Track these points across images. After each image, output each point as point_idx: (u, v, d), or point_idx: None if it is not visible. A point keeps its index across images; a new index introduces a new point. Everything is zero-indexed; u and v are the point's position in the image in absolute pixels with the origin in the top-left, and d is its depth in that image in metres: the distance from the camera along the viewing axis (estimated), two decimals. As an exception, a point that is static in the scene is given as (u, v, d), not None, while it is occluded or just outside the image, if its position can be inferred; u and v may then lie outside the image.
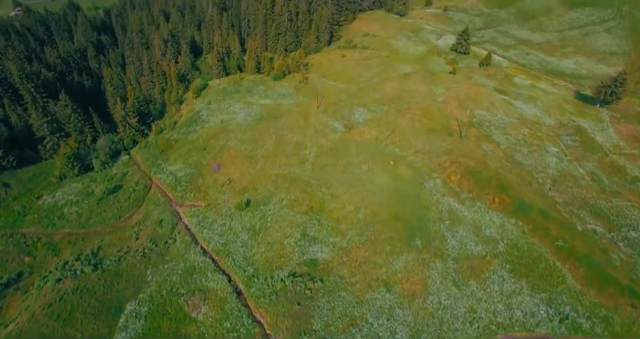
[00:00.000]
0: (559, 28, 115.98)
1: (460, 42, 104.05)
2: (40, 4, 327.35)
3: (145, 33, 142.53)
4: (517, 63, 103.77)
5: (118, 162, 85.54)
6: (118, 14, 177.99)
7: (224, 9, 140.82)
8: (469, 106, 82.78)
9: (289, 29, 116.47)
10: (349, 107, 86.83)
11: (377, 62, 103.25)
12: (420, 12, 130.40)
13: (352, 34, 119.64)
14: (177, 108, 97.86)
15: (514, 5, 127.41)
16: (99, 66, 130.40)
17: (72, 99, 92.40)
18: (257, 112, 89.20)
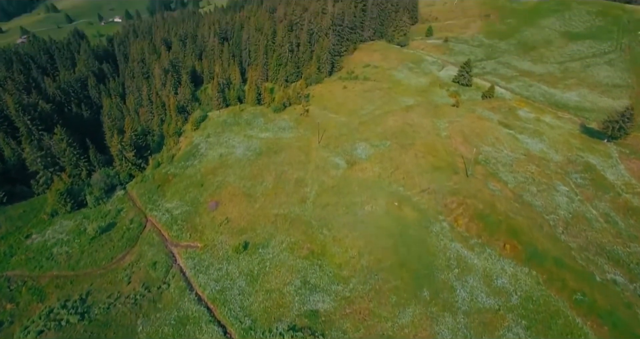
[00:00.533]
0: (560, 59, 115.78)
1: (462, 74, 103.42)
2: (46, 31, 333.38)
3: (147, 62, 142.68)
4: (520, 96, 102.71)
5: (113, 197, 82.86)
6: (120, 43, 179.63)
7: (225, 39, 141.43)
8: (474, 142, 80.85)
9: (289, 59, 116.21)
10: (351, 142, 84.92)
11: (379, 94, 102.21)
12: (421, 42, 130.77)
13: (353, 64, 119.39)
14: (175, 141, 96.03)
15: (514, 36, 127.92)
16: (99, 96, 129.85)
17: (68, 132, 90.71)
18: (257, 146, 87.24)
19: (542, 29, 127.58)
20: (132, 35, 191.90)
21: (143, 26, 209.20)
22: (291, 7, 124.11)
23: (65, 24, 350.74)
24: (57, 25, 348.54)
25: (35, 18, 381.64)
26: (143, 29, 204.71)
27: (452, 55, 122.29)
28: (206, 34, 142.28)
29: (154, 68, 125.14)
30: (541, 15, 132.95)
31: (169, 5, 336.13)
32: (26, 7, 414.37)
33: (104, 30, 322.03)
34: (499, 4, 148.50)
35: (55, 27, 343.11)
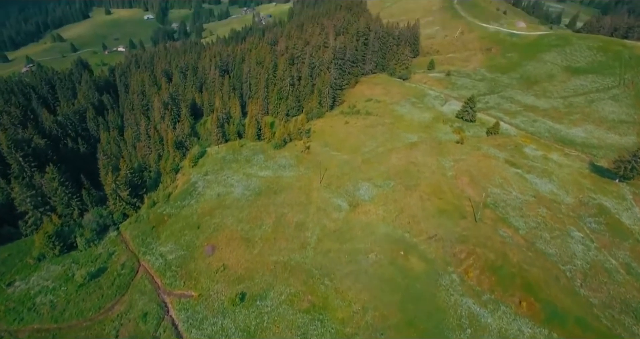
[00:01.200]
0: (564, 94, 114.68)
1: (466, 109, 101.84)
2: (51, 60, 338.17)
3: (147, 94, 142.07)
4: (526, 131, 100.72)
5: (105, 239, 79.17)
6: (122, 73, 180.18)
7: (226, 71, 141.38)
8: (481, 182, 77.94)
9: (290, 93, 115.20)
10: (354, 182, 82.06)
11: (381, 130, 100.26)
12: (422, 76, 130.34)
13: (355, 98, 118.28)
14: (172, 178, 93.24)
15: (516, 70, 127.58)
16: (97, 128, 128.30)
17: (62, 169, 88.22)
18: (256, 185, 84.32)
19: (543, 63, 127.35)
20: (134, 65, 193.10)
21: (145, 57, 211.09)
22: (292, 41, 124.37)
23: (70, 53, 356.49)
24: (62, 54, 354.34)
25: (42, 47, 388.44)
26: (145, 59, 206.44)
27: (455, 89, 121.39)
28: (207, 66, 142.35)
29: (154, 101, 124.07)
30: (542, 50, 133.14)
31: (172, 36, 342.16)
32: (34, 36, 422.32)
33: (108, 59, 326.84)
34: (499, 38, 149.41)
35: (60, 56, 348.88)
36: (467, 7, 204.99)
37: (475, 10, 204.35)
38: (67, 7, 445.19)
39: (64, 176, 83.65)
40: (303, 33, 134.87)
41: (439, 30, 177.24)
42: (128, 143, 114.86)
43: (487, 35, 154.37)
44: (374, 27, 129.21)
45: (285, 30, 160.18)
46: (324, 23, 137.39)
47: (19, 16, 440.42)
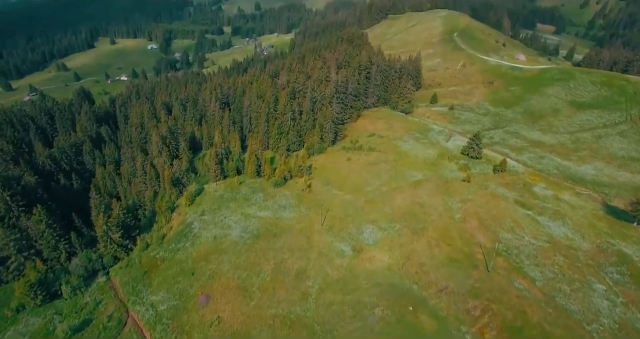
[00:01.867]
0: (570, 129, 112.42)
1: (472, 146, 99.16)
2: (54, 89, 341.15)
3: (145, 127, 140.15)
4: (533, 168, 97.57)
5: (93, 285, 74.58)
6: (122, 104, 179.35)
7: (226, 104, 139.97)
8: (491, 226, 73.95)
9: (291, 128, 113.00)
10: (357, 224, 78.08)
11: (385, 167, 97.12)
12: (425, 109, 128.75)
13: (357, 133, 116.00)
14: (167, 218, 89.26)
15: (520, 104, 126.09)
16: (94, 162, 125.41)
17: (52, 207, 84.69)
18: (254, 227, 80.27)
19: (547, 97, 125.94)
20: (134, 96, 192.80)
21: (146, 87, 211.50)
22: (294, 74, 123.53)
23: (73, 82, 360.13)
24: (65, 83, 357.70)
25: (46, 76, 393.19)
26: (146, 90, 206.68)
27: (459, 123, 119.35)
28: (207, 98, 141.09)
29: (152, 135, 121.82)
30: (545, 84, 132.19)
31: (175, 65, 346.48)
32: (39, 65, 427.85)
33: (110, 88, 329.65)
34: (501, 71, 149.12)
35: (63, 85, 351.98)
36: (466, 39, 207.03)
37: (475, 43, 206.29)
38: (73, 37, 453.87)
39: (53, 216, 79.77)
40: (304, 66, 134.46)
41: (440, 63, 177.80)
42: (124, 179, 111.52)
43: (489, 68, 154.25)
44: (375, 60, 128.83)
45: (287, 63, 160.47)
46: (325, 56, 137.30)
47: (27, 46, 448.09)
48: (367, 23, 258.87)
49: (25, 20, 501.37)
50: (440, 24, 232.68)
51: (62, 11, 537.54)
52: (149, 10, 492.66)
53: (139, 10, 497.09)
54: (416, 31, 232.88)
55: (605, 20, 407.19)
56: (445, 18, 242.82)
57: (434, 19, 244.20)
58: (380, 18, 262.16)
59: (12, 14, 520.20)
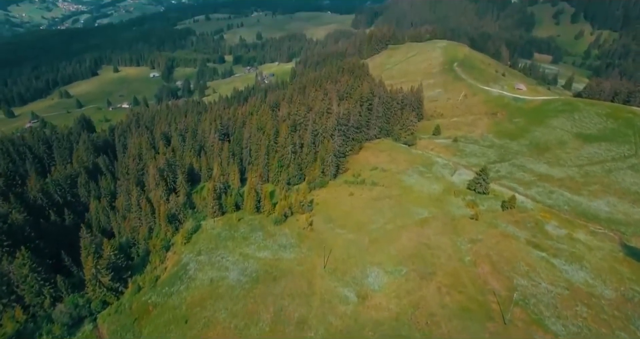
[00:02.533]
0: (578, 162, 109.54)
1: (478, 181, 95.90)
2: (56, 116, 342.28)
3: (143, 158, 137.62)
4: (543, 204, 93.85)
5: (78, 334, 69.32)
6: (122, 133, 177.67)
7: (226, 135, 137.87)
8: (504, 271, 69.52)
9: (292, 161, 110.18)
10: (361, 267, 73.65)
11: (389, 203, 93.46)
12: (429, 142, 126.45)
13: (359, 166, 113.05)
14: (161, 258, 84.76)
15: (525, 136, 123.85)
16: (88, 194, 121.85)
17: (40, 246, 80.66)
18: (253, 269, 75.73)
19: (553, 129, 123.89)
20: (134, 125, 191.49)
21: (147, 116, 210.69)
22: (295, 106, 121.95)
23: (75, 109, 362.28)
24: (67, 110, 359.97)
25: (49, 103, 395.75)
26: (146, 118, 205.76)
27: (464, 156, 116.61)
28: (207, 130, 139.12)
29: (150, 167, 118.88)
30: (549, 115, 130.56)
31: (176, 93, 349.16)
32: (42, 92, 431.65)
33: (111, 115, 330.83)
34: (504, 102, 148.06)
35: (65, 112, 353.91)
36: (467, 69, 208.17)
37: (475, 73, 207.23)
38: (77, 66, 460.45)
39: (39, 258, 75.35)
40: (305, 98, 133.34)
41: (441, 93, 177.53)
42: (118, 214, 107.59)
43: (491, 99, 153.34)
44: (377, 92, 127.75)
45: (288, 93, 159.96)
46: (326, 87, 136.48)
47: (32, 74, 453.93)
48: (367, 53, 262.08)
49: (32, 50, 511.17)
50: (440, 54, 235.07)
51: (69, 41, 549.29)
52: (153, 40, 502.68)
53: (143, 40, 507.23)
54: (416, 61, 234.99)
55: (600, 50, 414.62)
56: (445, 48, 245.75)
57: (433, 49, 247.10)
58: (380, 48, 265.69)
59: (20, 44, 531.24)
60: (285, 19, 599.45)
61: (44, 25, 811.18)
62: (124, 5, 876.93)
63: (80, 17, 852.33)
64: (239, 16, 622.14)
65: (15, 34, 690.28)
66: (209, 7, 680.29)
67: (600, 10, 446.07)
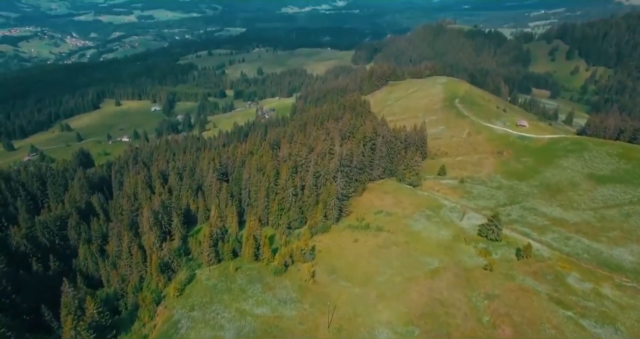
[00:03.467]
0: (593, 206, 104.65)
1: (490, 227, 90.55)
2: (56, 149, 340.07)
3: (139, 198, 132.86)
4: (560, 252, 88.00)
5: None
6: (119, 170, 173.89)
7: (224, 175, 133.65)
8: (527, 333, 62.88)
9: (293, 204, 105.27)
10: (369, 326, 67.09)
11: (396, 252, 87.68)
12: (434, 183, 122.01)
13: (363, 209, 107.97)
14: (151, 313, 77.94)
15: (534, 177, 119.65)
16: (78, 238, 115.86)
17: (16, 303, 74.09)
18: (250, 328, 69.16)
19: (563, 170, 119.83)
20: (132, 161, 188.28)
21: (145, 151, 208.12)
22: (296, 147, 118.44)
23: (75, 142, 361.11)
24: (66, 143, 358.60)
25: (49, 136, 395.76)
26: (144, 154, 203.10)
27: (472, 199, 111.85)
28: (205, 169, 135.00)
29: (144, 209, 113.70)
30: (558, 155, 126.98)
31: (176, 127, 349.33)
32: (43, 125, 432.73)
33: (111, 148, 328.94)
34: (509, 141, 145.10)
35: (65, 145, 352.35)
36: (468, 105, 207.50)
37: (477, 109, 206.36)
38: (80, 99, 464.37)
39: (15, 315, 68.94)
40: (307, 137, 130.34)
41: (444, 130, 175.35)
42: (108, 261, 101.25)
43: (496, 138, 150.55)
44: (380, 131, 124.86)
45: (288, 131, 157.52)
46: (328, 127, 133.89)
47: (35, 107, 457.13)
48: (368, 89, 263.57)
49: (37, 83, 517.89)
50: (441, 90, 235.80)
51: (73, 74, 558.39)
52: (156, 74, 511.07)
53: (146, 74, 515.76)
54: (417, 97, 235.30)
55: (596, 86, 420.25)
56: (445, 84, 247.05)
57: (433, 86, 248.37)
58: (381, 84, 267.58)
59: (26, 77, 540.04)
60: (286, 55, 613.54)
61: (51, 59, 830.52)
62: (129, 40, 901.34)
63: (86, 52, 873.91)
64: (241, 52, 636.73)
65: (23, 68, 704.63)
66: (211, 43, 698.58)
67: (594, 47, 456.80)
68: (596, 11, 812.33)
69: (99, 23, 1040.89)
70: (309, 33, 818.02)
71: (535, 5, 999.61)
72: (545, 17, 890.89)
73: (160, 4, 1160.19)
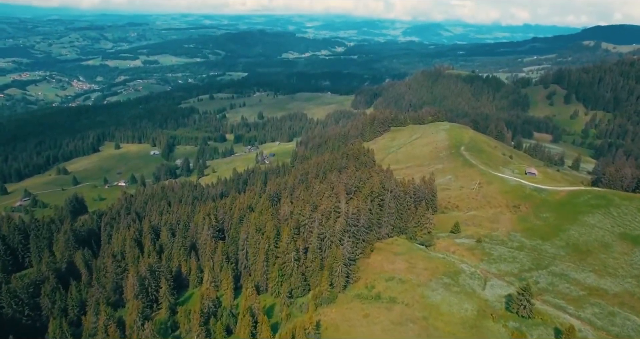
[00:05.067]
0: (634, 273, 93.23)
1: (522, 302, 79.18)
2: (50, 194, 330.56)
3: (126, 257, 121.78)
4: (607, 332, 76.04)
5: None
6: (109, 222, 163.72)
7: (220, 232, 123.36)
8: None
9: (295, 270, 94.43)
10: None
11: (414, 331, 75.81)
12: (449, 242, 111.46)
13: (372, 274, 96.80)
14: None
15: (559, 236, 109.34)
16: (52, 306, 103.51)
17: None
18: None
19: (590, 228, 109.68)
20: (124, 211, 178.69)
21: (139, 200, 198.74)
22: (299, 205, 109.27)
23: (71, 186, 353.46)
24: (62, 187, 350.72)
25: (46, 179, 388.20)
26: (138, 204, 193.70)
27: (492, 262, 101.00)
28: (200, 224, 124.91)
29: (129, 275, 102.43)
30: (582, 211, 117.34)
31: (175, 172, 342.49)
32: (40, 169, 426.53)
33: (107, 193, 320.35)
34: (525, 193, 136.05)
35: (60, 189, 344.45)
36: (474, 152, 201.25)
37: (484, 156, 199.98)
38: (80, 142, 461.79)
39: None
40: (309, 192, 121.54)
41: (452, 180, 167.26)
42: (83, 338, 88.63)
43: (510, 190, 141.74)
44: (388, 185, 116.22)
45: (289, 182, 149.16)
46: (332, 181, 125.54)
47: (34, 150, 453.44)
48: (370, 135, 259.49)
49: (39, 126, 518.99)
50: (445, 137, 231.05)
51: (76, 117, 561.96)
52: (157, 118, 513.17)
53: (147, 118, 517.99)
54: (421, 144, 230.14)
55: (597, 129, 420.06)
56: (449, 131, 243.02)
57: (437, 132, 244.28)
58: (383, 130, 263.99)
59: (29, 120, 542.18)
60: (286, 99, 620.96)
61: (57, 102, 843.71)
62: (133, 84, 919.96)
63: (91, 94, 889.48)
64: (242, 96, 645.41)
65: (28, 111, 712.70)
66: (213, 87, 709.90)
67: (591, 92, 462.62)
68: (586, 57, 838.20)
69: (106, 67, 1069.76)
70: (309, 77, 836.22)
71: (527, 51, 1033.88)
72: (538, 63, 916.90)
73: (166, 49, 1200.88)
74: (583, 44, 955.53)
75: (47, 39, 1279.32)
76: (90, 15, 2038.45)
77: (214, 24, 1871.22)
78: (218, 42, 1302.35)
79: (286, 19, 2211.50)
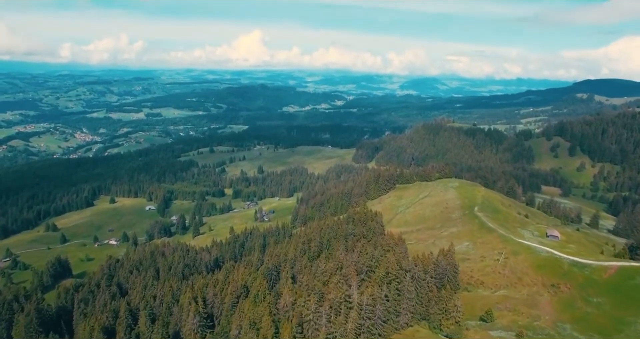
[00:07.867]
0: None
1: None
2: (35, 252, 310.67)
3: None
4: None
5: None
6: (83, 299, 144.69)
7: (209, 318, 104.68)
8: None
9: (297, 381, 75.36)
10: None
11: None
12: (482, 335, 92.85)
13: (394, 385, 77.66)
14: None
15: (625, 332, 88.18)
16: None
17: None
18: None
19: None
20: (104, 283, 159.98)
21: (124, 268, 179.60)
22: (302, 294, 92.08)
23: (58, 244, 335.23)
24: (48, 246, 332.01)
25: (33, 236, 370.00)
26: (122, 273, 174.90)
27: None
28: (185, 310, 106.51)
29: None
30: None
31: (169, 230, 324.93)
32: (29, 224, 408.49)
33: (95, 253, 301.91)
34: (563, 269, 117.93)
35: (46, 248, 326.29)
36: (490, 214, 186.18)
37: (500, 218, 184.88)
38: (74, 195, 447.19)
39: None
40: (314, 272, 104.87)
41: (470, 248, 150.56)
42: None
43: (542, 263, 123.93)
44: (406, 264, 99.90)
45: (290, 254, 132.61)
46: (340, 258, 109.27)
47: (25, 204, 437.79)
48: (375, 193, 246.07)
49: (35, 178, 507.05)
50: (455, 195, 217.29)
51: (74, 169, 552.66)
52: (155, 171, 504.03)
53: (145, 171, 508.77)
54: (430, 204, 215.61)
55: (607, 182, 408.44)
56: (459, 188, 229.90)
57: (446, 190, 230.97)
58: (388, 188, 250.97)
59: (26, 172, 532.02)
60: (286, 153, 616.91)
61: (58, 153, 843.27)
62: (135, 136, 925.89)
63: (93, 146, 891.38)
64: (242, 149, 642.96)
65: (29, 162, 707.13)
66: (214, 140, 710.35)
67: (595, 144, 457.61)
68: (581, 109, 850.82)
69: (109, 119, 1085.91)
70: (309, 130, 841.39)
71: (523, 104, 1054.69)
72: (535, 114, 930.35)
73: (169, 102, 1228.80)
74: (577, 97, 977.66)
75: (56, 92, 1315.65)
76: (99, 71, 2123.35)
77: (217, 78, 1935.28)
78: (220, 95, 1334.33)
79: (287, 73, 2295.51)
